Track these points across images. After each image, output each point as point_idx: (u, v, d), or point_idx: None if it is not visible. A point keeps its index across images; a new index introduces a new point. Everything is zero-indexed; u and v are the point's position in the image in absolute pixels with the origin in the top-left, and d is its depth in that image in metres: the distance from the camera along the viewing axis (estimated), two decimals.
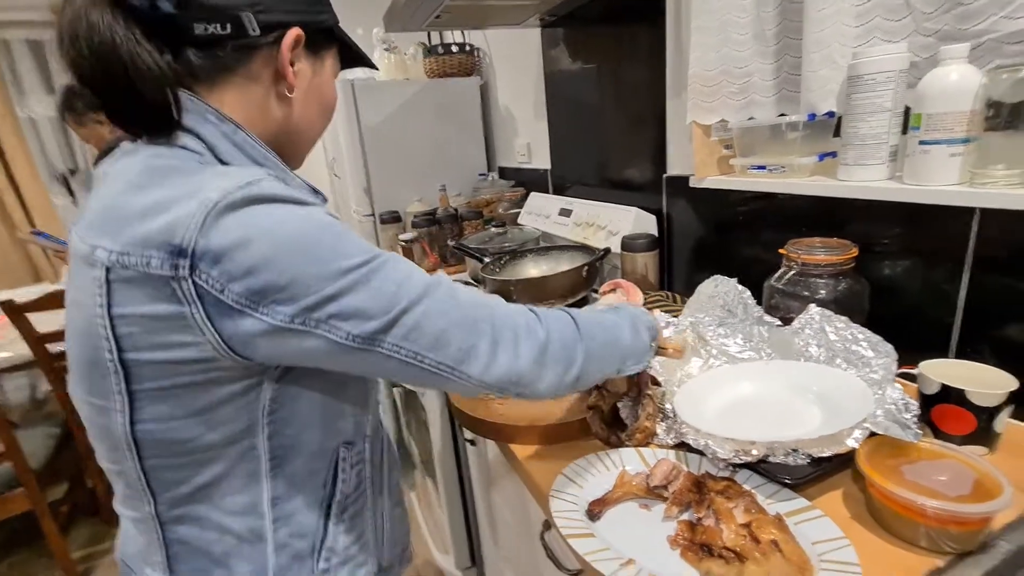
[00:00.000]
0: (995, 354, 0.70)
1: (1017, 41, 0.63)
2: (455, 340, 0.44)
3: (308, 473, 0.49)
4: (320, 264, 0.40)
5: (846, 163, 0.80)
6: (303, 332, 0.40)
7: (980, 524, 0.48)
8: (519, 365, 0.46)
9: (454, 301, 0.45)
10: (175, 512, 0.47)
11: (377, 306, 0.41)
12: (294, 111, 0.52)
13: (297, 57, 0.50)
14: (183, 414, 0.43)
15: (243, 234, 0.38)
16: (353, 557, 0.53)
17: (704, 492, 0.57)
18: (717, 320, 0.83)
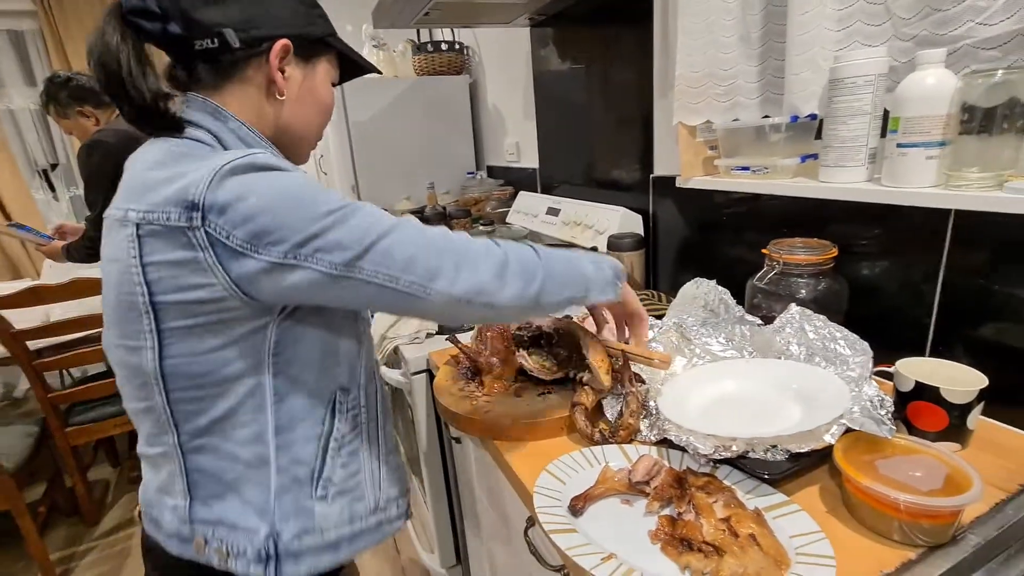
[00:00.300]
0: (968, 353, 0.71)
1: (992, 47, 0.65)
2: (423, 262, 0.50)
3: (307, 410, 0.56)
4: (304, 209, 0.48)
5: (827, 165, 0.81)
6: (295, 266, 0.48)
7: (951, 517, 0.49)
8: (481, 279, 0.52)
9: (420, 233, 0.52)
10: (194, 443, 0.54)
11: (353, 238, 0.49)
12: (288, 111, 0.59)
13: (288, 64, 0.58)
14: (202, 351, 0.51)
15: (242, 191, 0.47)
16: (350, 491, 0.59)
17: (685, 487, 0.58)
18: (700, 320, 0.84)
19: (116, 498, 2.13)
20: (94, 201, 1.63)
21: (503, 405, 0.79)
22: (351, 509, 0.59)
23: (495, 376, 0.84)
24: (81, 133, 1.74)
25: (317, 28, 0.59)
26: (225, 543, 0.54)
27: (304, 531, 0.56)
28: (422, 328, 1.17)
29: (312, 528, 0.56)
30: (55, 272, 2.10)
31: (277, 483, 0.55)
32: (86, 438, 1.84)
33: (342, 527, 0.58)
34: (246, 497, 0.55)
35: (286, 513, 0.55)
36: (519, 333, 0.89)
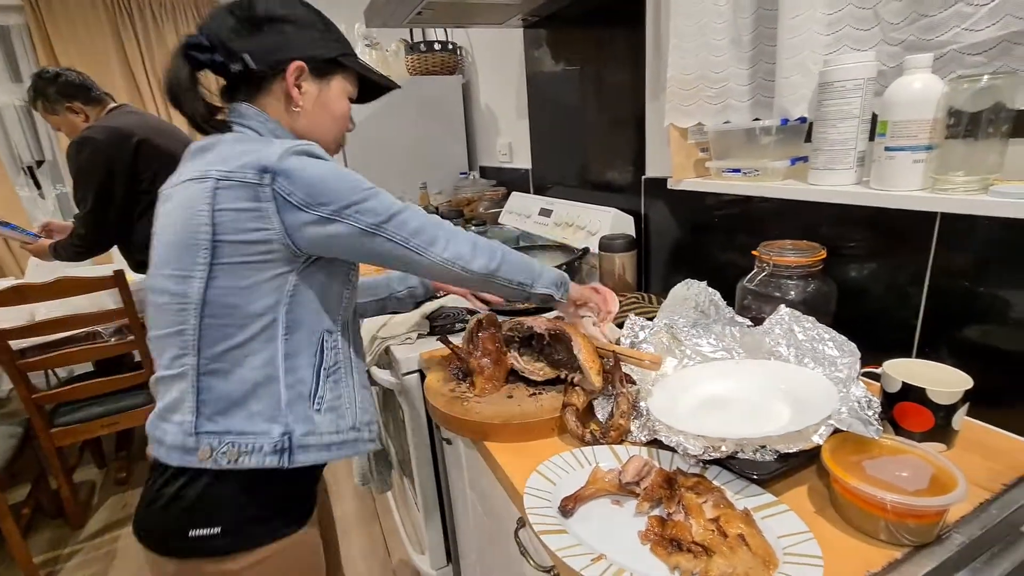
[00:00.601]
0: (953, 354, 0.72)
1: (978, 52, 0.66)
2: (426, 231, 0.70)
3: (307, 343, 0.71)
4: (349, 184, 0.66)
5: (816, 168, 0.82)
6: (337, 221, 0.65)
7: (936, 517, 0.50)
8: (461, 249, 0.71)
9: (423, 214, 0.71)
10: (211, 366, 0.66)
11: (382, 208, 0.67)
12: (304, 119, 0.74)
13: (304, 80, 0.72)
14: (239, 286, 0.65)
15: (304, 164, 0.65)
16: (335, 408, 0.74)
17: (675, 488, 0.58)
18: (691, 321, 0.85)
19: (102, 500, 2.10)
20: (83, 198, 1.61)
21: (494, 406, 0.79)
22: (336, 423, 0.74)
23: (486, 377, 0.84)
24: (70, 129, 1.71)
25: (330, 50, 0.73)
26: (236, 446, 0.67)
27: (309, 432, 0.70)
28: (413, 328, 1.17)
29: (314, 431, 0.71)
30: (40, 271, 2.07)
31: (287, 397, 0.69)
32: (72, 439, 1.81)
33: (331, 435, 0.73)
34: (253, 410, 0.68)
35: (297, 418, 0.69)
36: (510, 334, 0.89)
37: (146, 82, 3.33)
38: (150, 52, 3.31)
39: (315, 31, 0.73)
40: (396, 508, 1.69)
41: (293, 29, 0.71)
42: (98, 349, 1.77)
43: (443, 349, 0.92)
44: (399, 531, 1.62)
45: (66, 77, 1.68)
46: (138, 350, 1.80)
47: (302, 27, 0.71)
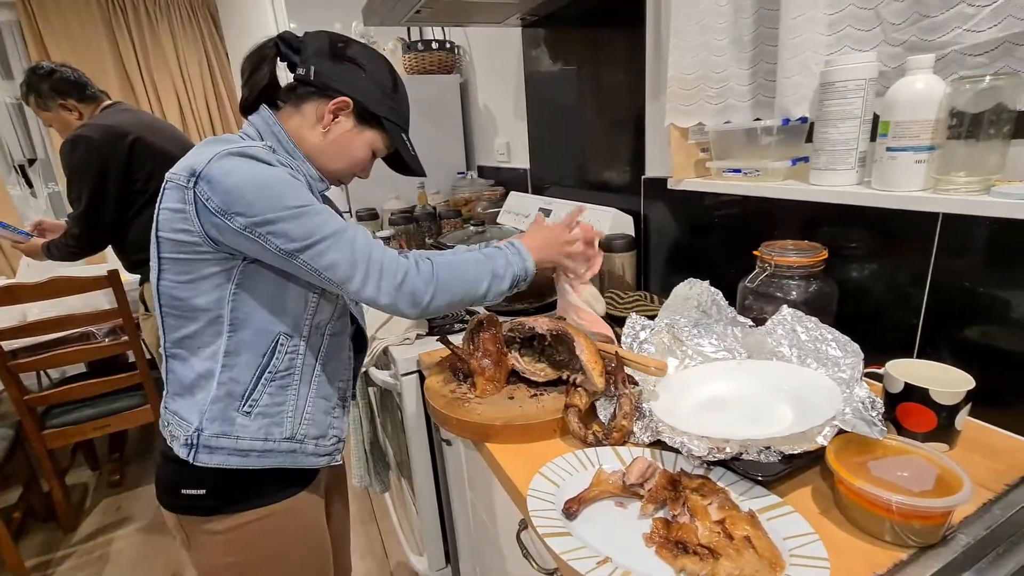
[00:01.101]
0: (954, 354, 0.72)
1: (979, 53, 0.66)
2: (341, 268, 0.68)
3: (252, 343, 0.72)
4: (269, 199, 0.65)
5: (817, 168, 0.82)
6: (249, 237, 0.65)
7: (942, 518, 0.50)
8: (378, 295, 0.70)
9: (349, 245, 0.68)
10: (172, 351, 0.73)
11: (299, 234, 0.66)
12: (322, 142, 0.78)
13: (344, 115, 0.78)
14: (183, 280, 0.69)
15: (229, 170, 0.64)
16: (271, 415, 0.74)
17: (679, 490, 0.57)
18: (692, 321, 0.84)
19: (95, 503, 2.07)
20: (77, 197, 1.59)
21: (495, 407, 0.78)
22: (267, 430, 0.74)
23: (487, 378, 0.83)
24: (62, 127, 1.69)
25: (381, 109, 0.79)
26: (173, 427, 0.73)
27: (222, 434, 0.72)
28: (412, 329, 1.16)
29: (229, 433, 0.72)
30: (32, 271, 2.04)
31: (214, 393, 0.71)
32: (64, 441, 1.79)
33: (255, 441, 0.73)
34: (196, 399, 0.72)
35: (213, 417, 0.71)
36: (511, 334, 0.89)
37: (140, 80, 3.30)
38: (144, 50, 3.28)
39: (379, 90, 0.79)
40: (394, 509, 1.68)
41: (363, 76, 0.78)
42: (91, 350, 1.75)
43: (443, 349, 0.91)
44: (397, 532, 1.61)
45: (61, 74, 1.66)
46: (132, 351, 1.79)
47: (371, 80, 0.78)
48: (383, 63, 0.81)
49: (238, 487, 0.75)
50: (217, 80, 3.53)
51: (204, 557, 0.78)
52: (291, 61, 0.77)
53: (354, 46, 0.79)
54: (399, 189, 2.05)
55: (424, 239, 1.79)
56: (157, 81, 3.34)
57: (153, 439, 2.43)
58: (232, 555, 0.77)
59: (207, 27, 3.43)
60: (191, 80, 3.43)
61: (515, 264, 0.78)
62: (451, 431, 0.81)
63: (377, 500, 1.95)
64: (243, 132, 0.77)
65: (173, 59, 3.36)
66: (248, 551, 0.77)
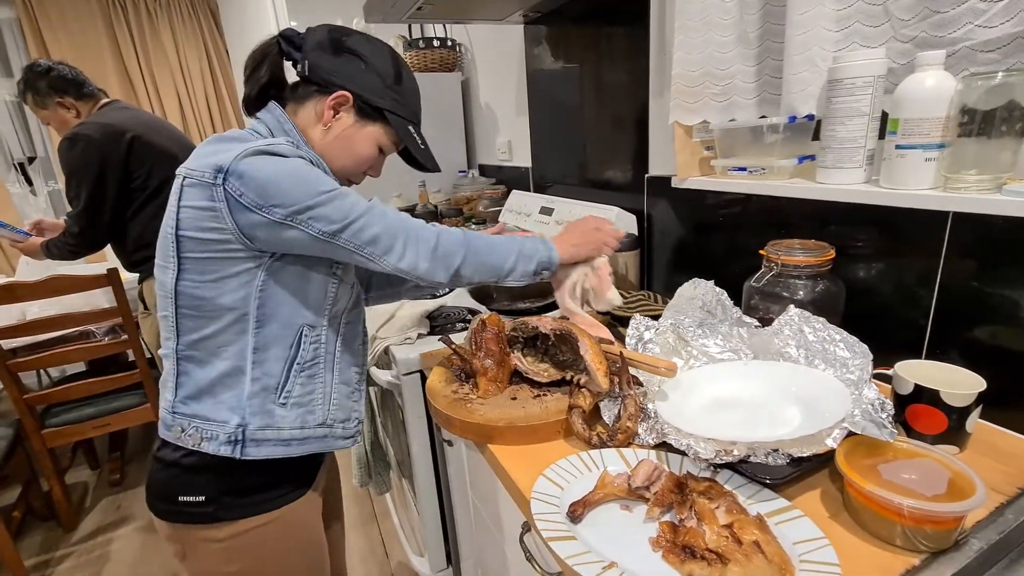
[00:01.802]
0: (964, 355, 0.71)
1: (991, 49, 0.65)
2: (383, 241, 0.70)
3: (281, 336, 0.72)
4: (305, 187, 0.66)
5: (824, 166, 0.81)
6: (290, 227, 0.66)
7: (954, 523, 0.49)
8: (417, 261, 0.72)
9: (384, 218, 0.70)
10: (187, 352, 0.71)
11: (338, 215, 0.67)
12: (325, 140, 0.77)
13: (345, 111, 0.76)
14: (207, 280, 0.68)
15: (259, 165, 0.65)
16: (305, 404, 0.75)
17: (686, 493, 0.56)
18: (697, 321, 0.83)
19: (95, 502, 2.07)
20: (76, 196, 1.58)
21: (498, 408, 0.77)
22: (303, 418, 0.75)
23: (489, 378, 0.82)
24: (60, 125, 1.68)
25: (383, 102, 0.76)
26: (200, 431, 0.71)
27: (266, 426, 0.72)
28: (414, 328, 1.15)
29: (272, 425, 0.73)
30: (31, 269, 2.03)
31: (250, 389, 0.71)
32: (63, 440, 1.79)
33: (294, 430, 0.74)
34: (220, 398, 0.71)
35: (254, 411, 0.71)
36: (514, 334, 0.88)
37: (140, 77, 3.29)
38: (144, 47, 3.27)
39: (380, 81, 0.76)
40: (395, 510, 1.67)
41: (362, 68, 0.75)
42: (91, 349, 1.74)
43: (444, 349, 0.90)
44: (398, 533, 1.61)
45: (58, 71, 1.65)
46: (131, 349, 1.78)
47: (371, 71, 0.75)
48: (386, 52, 0.78)
49: (239, 493, 0.73)
50: (217, 78, 3.52)
51: (203, 566, 0.76)
52: (293, 58, 0.76)
53: (354, 37, 0.76)
54: (401, 187, 2.04)
55: None
56: (157, 79, 3.33)
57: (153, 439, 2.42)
58: (233, 563, 0.75)
59: (207, 24, 3.42)
60: (191, 78, 3.42)
61: (542, 251, 0.80)
62: (453, 432, 0.80)
63: (378, 500, 1.94)
64: (252, 129, 0.75)
65: (173, 57, 3.34)
66: (250, 558, 0.76)
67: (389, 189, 2.04)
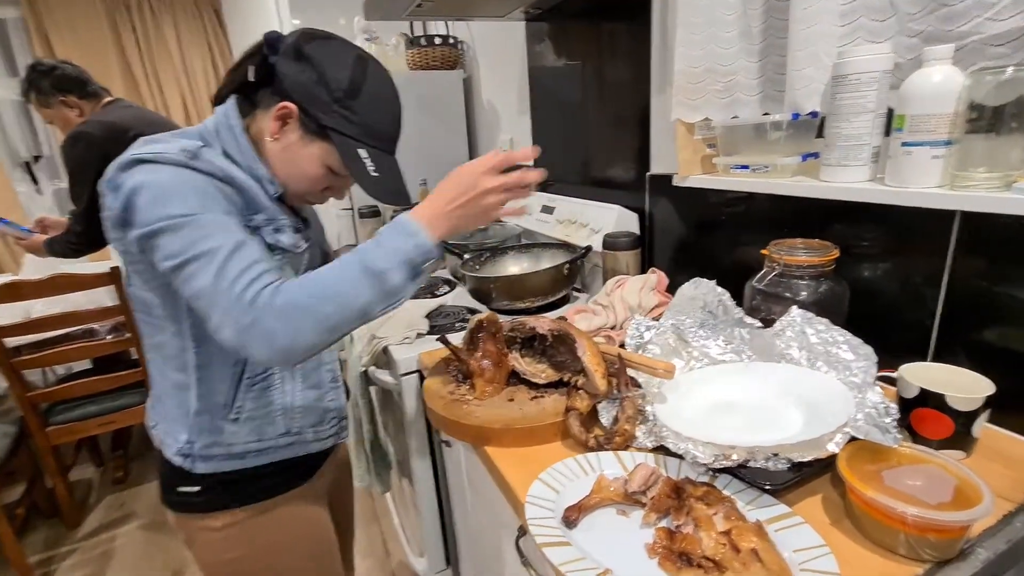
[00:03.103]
0: (971, 358, 0.70)
1: (1001, 43, 0.63)
2: (202, 300, 0.58)
3: (220, 352, 0.68)
4: (157, 208, 0.57)
5: (829, 164, 0.79)
6: (146, 249, 0.59)
7: (960, 532, 0.48)
8: (234, 338, 0.57)
9: (215, 272, 0.57)
10: (148, 356, 0.72)
11: (175, 248, 0.57)
12: (273, 153, 0.70)
13: (292, 122, 0.68)
14: (141, 287, 0.66)
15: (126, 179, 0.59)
16: (260, 417, 0.72)
17: (683, 498, 0.55)
18: (698, 322, 0.82)
19: (99, 499, 2.08)
20: (79, 194, 1.58)
21: (495, 409, 0.77)
22: (260, 431, 0.73)
23: (487, 379, 0.81)
24: (63, 124, 1.69)
25: (328, 120, 0.67)
26: (163, 434, 0.72)
27: (214, 443, 0.71)
28: (413, 328, 1.15)
29: (221, 442, 0.71)
30: (35, 267, 2.04)
31: (196, 406, 0.69)
32: (67, 437, 1.79)
33: (249, 443, 0.72)
34: (172, 411, 0.71)
35: (201, 429, 0.70)
36: (511, 335, 0.87)
37: (143, 76, 3.30)
38: (148, 46, 3.28)
39: (328, 95, 0.66)
40: (395, 509, 1.67)
41: (313, 79, 0.66)
42: (94, 347, 1.75)
43: (443, 349, 0.89)
44: (398, 533, 1.60)
45: (62, 70, 1.65)
46: (135, 348, 1.78)
47: (322, 84, 0.65)
48: (348, 61, 0.67)
49: (232, 484, 0.74)
50: (221, 76, 3.52)
51: (205, 554, 0.77)
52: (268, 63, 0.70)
53: (319, 42, 0.67)
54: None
55: None
56: (161, 77, 3.34)
57: None
58: (232, 551, 0.76)
59: (211, 23, 3.43)
60: (194, 76, 3.43)
61: (402, 249, 0.60)
62: (450, 434, 0.79)
63: (378, 500, 1.94)
64: (203, 125, 0.70)
65: (177, 55, 3.35)
66: (248, 547, 0.76)
67: None
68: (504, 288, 1.19)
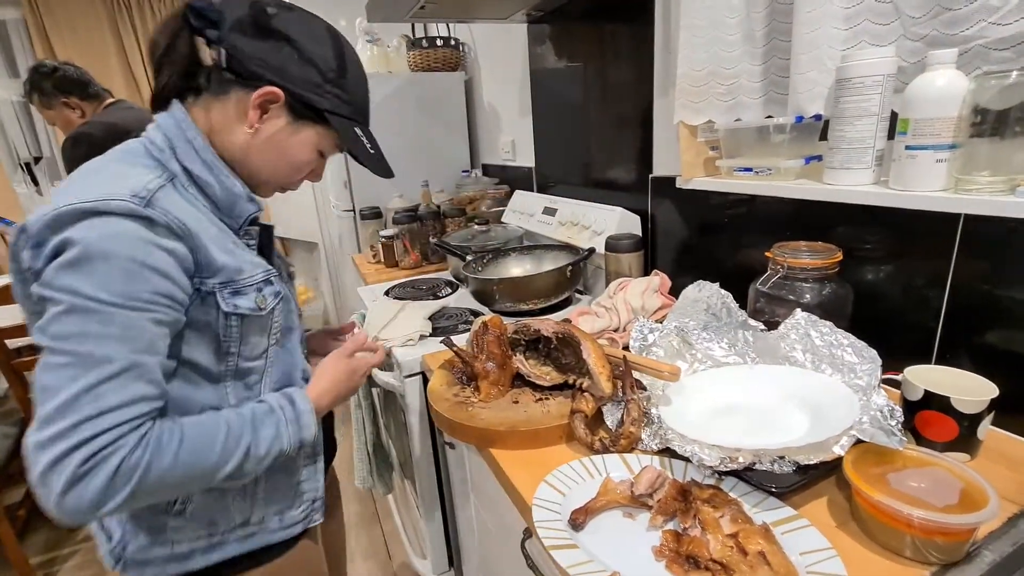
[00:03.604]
0: (975, 361, 0.70)
1: (1005, 47, 0.63)
2: (47, 404, 0.47)
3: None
4: (69, 276, 0.48)
5: (832, 167, 0.79)
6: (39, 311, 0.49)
7: (966, 535, 0.48)
8: (42, 466, 0.46)
9: (78, 397, 0.47)
10: None
11: (57, 331, 0.48)
12: (254, 146, 0.62)
13: (275, 110, 0.61)
14: None
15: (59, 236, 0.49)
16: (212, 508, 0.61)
17: (690, 501, 0.55)
18: (702, 324, 0.82)
19: None
20: None
21: (499, 412, 0.77)
22: (211, 525, 0.62)
23: (491, 381, 0.81)
24: (65, 125, 1.69)
25: (321, 100, 0.62)
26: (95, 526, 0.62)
27: (153, 543, 0.59)
28: (416, 330, 1.15)
29: (164, 540, 0.60)
30: None
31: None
32: None
33: (197, 541, 0.61)
34: None
35: (136, 528, 0.59)
36: (516, 337, 0.87)
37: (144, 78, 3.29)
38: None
39: (320, 74, 0.61)
40: (397, 511, 1.67)
41: (294, 57, 0.60)
42: None
43: (446, 351, 0.89)
44: (400, 534, 1.60)
45: (64, 72, 1.65)
46: None
47: (305, 61, 0.60)
48: (326, 34, 0.63)
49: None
50: None
51: None
52: (207, 37, 0.59)
53: (283, 15, 0.60)
54: (403, 188, 2.03)
55: (428, 238, 1.77)
56: None
57: None
58: None
59: None
60: None
61: (284, 437, 0.60)
62: (454, 436, 0.79)
63: (380, 501, 1.94)
64: (148, 139, 0.59)
65: None
66: None
67: (390, 189, 2.03)
68: (507, 290, 1.19)
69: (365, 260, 1.96)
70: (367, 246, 1.99)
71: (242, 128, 0.61)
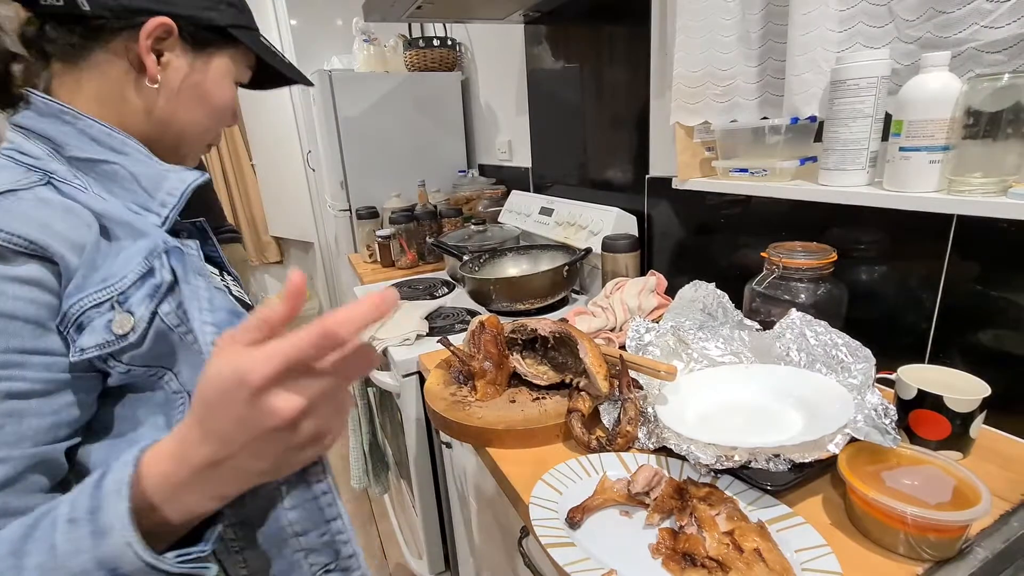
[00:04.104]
0: (967, 360, 0.71)
1: (997, 50, 0.64)
2: None
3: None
4: None
5: (827, 168, 0.80)
6: None
7: (959, 532, 0.48)
8: None
9: None
10: None
11: None
12: (165, 103, 0.50)
13: (170, 49, 0.48)
14: None
15: None
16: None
17: (686, 499, 0.56)
18: (698, 324, 0.83)
19: None
20: None
21: (496, 411, 0.77)
22: None
23: (488, 381, 0.81)
24: None
25: (219, 16, 0.50)
26: None
27: None
28: (412, 329, 1.15)
29: None
30: None
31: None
32: None
33: None
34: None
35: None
36: (513, 336, 0.87)
37: None
38: None
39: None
40: (393, 511, 1.67)
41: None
42: None
43: (443, 350, 0.89)
44: (396, 534, 1.60)
45: None
46: None
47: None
48: None
49: None
50: None
51: None
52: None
53: None
54: (400, 187, 2.03)
55: (425, 237, 1.77)
56: None
57: None
58: None
59: None
60: None
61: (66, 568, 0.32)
62: (451, 435, 0.79)
63: (376, 501, 1.93)
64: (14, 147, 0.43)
65: None
66: None
67: (386, 189, 2.03)
68: (503, 290, 1.19)
69: (361, 260, 1.96)
70: (363, 246, 1.99)
71: (140, 90, 0.48)
